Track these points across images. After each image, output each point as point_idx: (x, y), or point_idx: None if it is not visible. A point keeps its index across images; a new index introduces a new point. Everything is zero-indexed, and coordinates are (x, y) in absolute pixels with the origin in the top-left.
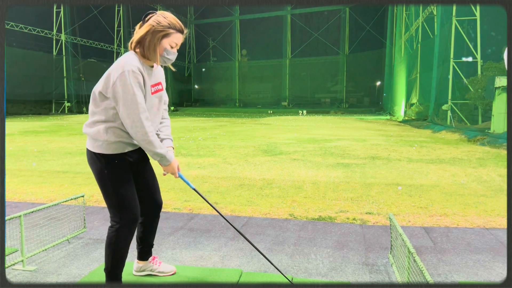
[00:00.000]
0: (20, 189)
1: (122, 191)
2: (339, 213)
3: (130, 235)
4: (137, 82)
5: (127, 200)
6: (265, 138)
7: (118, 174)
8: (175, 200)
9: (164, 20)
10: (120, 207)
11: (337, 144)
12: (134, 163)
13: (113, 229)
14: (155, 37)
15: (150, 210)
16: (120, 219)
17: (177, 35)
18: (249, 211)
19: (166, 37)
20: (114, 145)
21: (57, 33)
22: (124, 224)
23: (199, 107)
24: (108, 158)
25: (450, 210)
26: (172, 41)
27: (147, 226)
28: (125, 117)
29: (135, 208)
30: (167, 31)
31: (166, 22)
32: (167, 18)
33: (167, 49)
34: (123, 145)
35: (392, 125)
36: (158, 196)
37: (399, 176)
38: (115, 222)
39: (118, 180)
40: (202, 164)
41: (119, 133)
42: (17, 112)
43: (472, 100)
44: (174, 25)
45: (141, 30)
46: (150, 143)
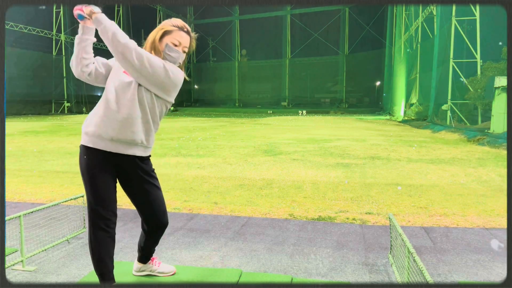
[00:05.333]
0: (20, 189)
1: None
2: (338, 213)
3: (100, 234)
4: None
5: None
6: (264, 138)
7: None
8: (175, 200)
9: (168, 21)
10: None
11: (336, 144)
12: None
13: (88, 229)
14: (156, 33)
15: (154, 227)
16: (89, 219)
17: (180, 33)
18: (249, 211)
19: (168, 34)
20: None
21: (57, 33)
22: (93, 223)
23: (198, 107)
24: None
25: (449, 210)
26: (174, 38)
27: (150, 238)
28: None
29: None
30: (168, 27)
31: (169, 22)
32: (172, 20)
33: (169, 46)
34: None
35: (392, 125)
36: (161, 215)
37: (399, 176)
38: (89, 220)
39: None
40: (202, 164)
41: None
42: (17, 112)
43: (472, 100)
44: (177, 25)
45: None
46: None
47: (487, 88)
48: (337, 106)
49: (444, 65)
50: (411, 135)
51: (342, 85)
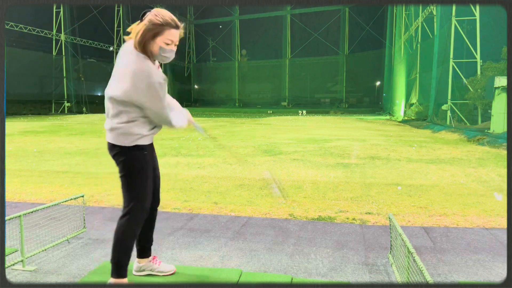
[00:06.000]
0: (20, 189)
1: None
2: (338, 213)
3: (137, 225)
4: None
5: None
6: (264, 138)
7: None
8: (175, 200)
9: (156, 18)
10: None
11: (336, 144)
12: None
13: (124, 219)
14: (147, 36)
15: (154, 205)
16: (129, 210)
17: (171, 32)
18: (249, 211)
19: (159, 35)
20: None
21: (57, 33)
22: (133, 214)
23: (199, 107)
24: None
25: (449, 210)
26: (166, 38)
27: (146, 220)
28: (153, 115)
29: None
30: (159, 29)
31: (158, 20)
32: (159, 15)
33: (162, 47)
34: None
35: (392, 125)
36: (158, 191)
37: (399, 176)
38: (126, 212)
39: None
40: (202, 164)
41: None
42: (16, 112)
43: (472, 100)
44: (167, 21)
45: (138, 30)
46: (170, 122)
47: (487, 88)
48: (337, 106)
49: (444, 65)
50: (411, 135)
51: (342, 85)
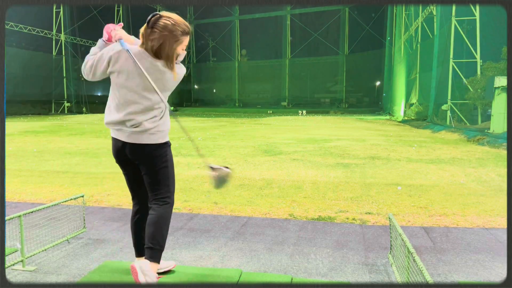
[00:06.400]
0: (20, 189)
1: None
2: (338, 213)
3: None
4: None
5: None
6: (264, 138)
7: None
8: (175, 200)
9: (175, 28)
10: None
11: (336, 144)
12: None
13: (168, 205)
14: (171, 47)
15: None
16: (171, 198)
17: (187, 38)
18: (249, 211)
19: (179, 44)
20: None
21: (57, 33)
22: (173, 202)
23: (198, 107)
24: None
25: (449, 210)
26: (184, 45)
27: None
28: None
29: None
30: (181, 39)
31: (178, 29)
32: (176, 24)
33: (181, 54)
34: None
35: (392, 125)
36: None
37: (399, 176)
38: (169, 200)
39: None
40: (202, 164)
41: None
42: (16, 112)
43: (472, 100)
44: (184, 29)
45: (155, 38)
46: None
47: (487, 88)
48: (337, 106)
49: (444, 65)
50: (411, 135)
51: (342, 85)
